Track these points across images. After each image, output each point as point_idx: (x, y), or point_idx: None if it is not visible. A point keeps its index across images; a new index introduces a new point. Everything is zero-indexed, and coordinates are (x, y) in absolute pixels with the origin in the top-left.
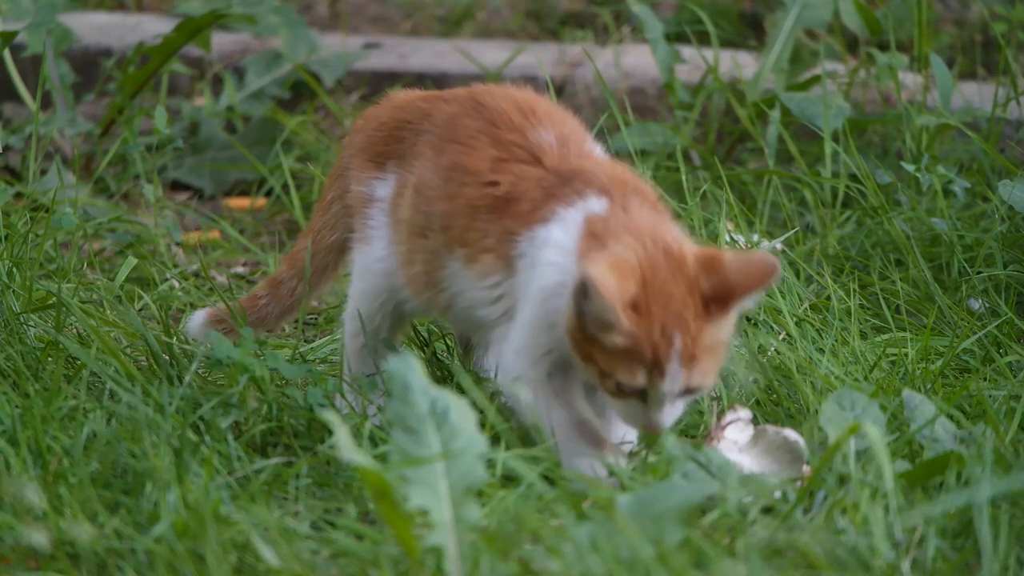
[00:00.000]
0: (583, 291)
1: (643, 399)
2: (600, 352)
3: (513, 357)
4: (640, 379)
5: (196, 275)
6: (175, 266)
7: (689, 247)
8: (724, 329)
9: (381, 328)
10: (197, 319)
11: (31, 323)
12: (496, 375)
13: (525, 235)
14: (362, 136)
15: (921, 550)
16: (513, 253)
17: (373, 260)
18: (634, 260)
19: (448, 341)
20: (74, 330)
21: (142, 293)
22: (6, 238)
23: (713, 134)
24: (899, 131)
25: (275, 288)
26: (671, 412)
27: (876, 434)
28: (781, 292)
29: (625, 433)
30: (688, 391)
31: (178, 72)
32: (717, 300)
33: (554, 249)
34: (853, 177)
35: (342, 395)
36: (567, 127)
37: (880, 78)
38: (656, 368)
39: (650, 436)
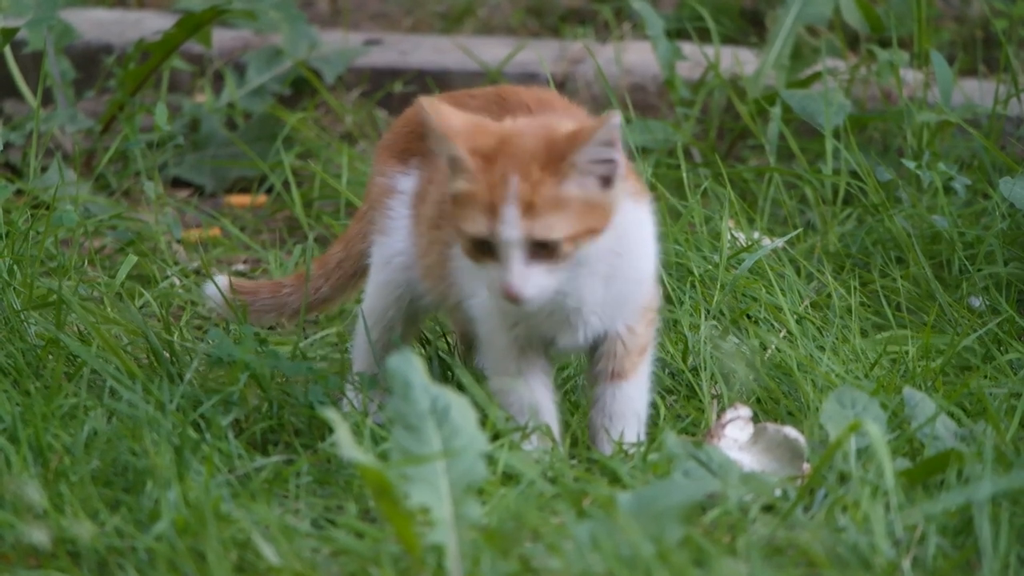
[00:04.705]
0: (431, 130)
1: (496, 258)
2: (456, 209)
3: (486, 334)
4: (480, 224)
5: (197, 272)
6: (176, 263)
7: (570, 125)
8: (574, 186)
9: (395, 322)
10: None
11: (32, 320)
12: (485, 371)
13: None
14: (390, 134)
15: (922, 548)
16: None
17: (393, 253)
18: (503, 126)
19: (449, 339)
20: (75, 328)
21: (143, 290)
22: (7, 235)
23: (714, 131)
24: (900, 128)
25: (303, 283)
26: (526, 274)
27: (877, 432)
28: (782, 290)
29: (624, 431)
30: (538, 246)
31: (179, 69)
32: (564, 155)
33: None
34: (854, 174)
35: (342, 392)
36: (581, 117)
37: (881, 75)
38: (492, 211)
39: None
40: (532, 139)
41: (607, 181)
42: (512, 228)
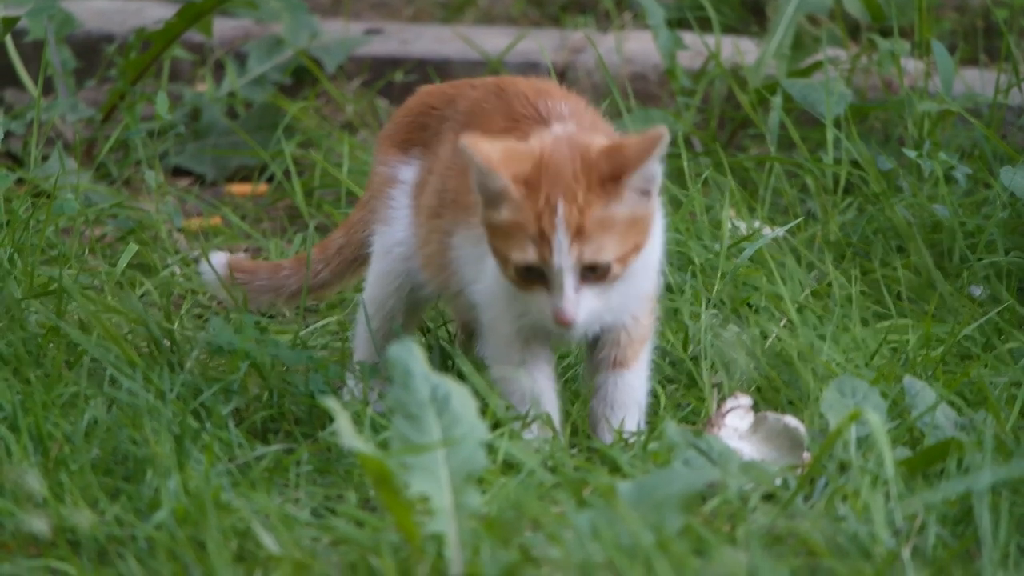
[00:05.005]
0: (472, 165)
1: (545, 285)
2: (500, 239)
3: (489, 321)
4: (530, 253)
5: (197, 261)
6: (177, 252)
7: (601, 141)
8: (624, 206)
9: (395, 312)
10: (216, 261)
11: (32, 309)
12: (486, 360)
13: None
14: (391, 124)
15: (921, 537)
16: None
17: (393, 243)
18: (535, 147)
19: (450, 328)
20: (75, 316)
21: (143, 279)
22: (8, 224)
23: (715, 120)
24: (901, 117)
25: (302, 266)
26: (577, 299)
27: (877, 421)
28: (783, 279)
29: (624, 419)
30: (589, 270)
31: (180, 58)
32: (613, 176)
33: None
34: (855, 163)
35: (343, 381)
36: (580, 106)
37: (882, 64)
38: (543, 240)
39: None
40: (570, 160)
41: (648, 193)
42: (563, 255)
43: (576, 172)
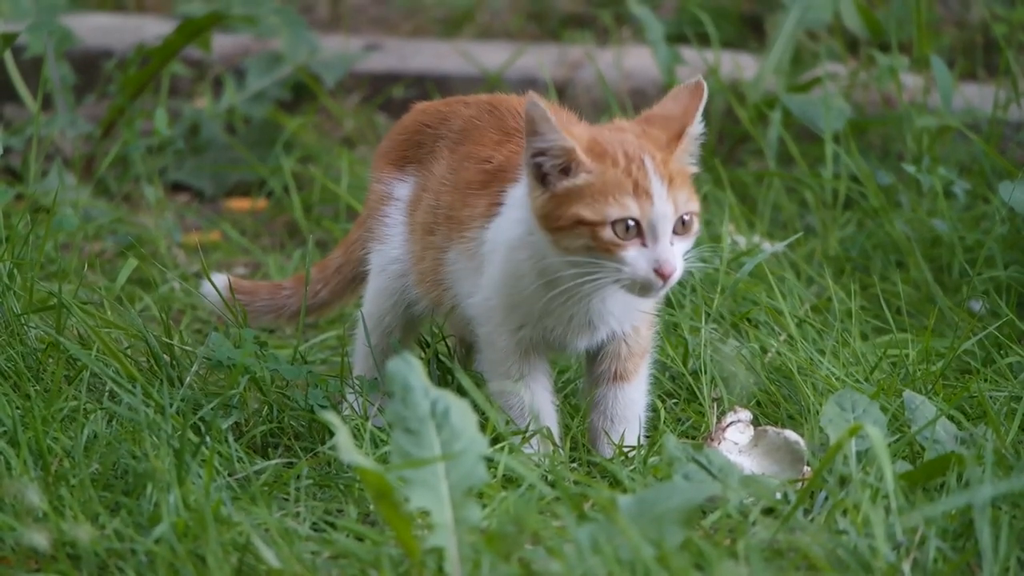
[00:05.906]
0: (531, 127)
1: (643, 240)
2: (581, 205)
3: (486, 335)
4: (632, 206)
5: (197, 276)
6: (176, 267)
7: (622, 121)
8: (684, 160)
9: (393, 327)
10: (216, 283)
11: (32, 324)
12: (485, 374)
13: (503, 195)
14: (387, 142)
15: (922, 551)
16: (491, 212)
17: (388, 260)
18: (580, 128)
19: (449, 343)
20: (75, 331)
21: (143, 294)
22: (7, 239)
23: (714, 135)
24: (900, 132)
25: (302, 286)
26: (673, 251)
27: (877, 435)
28: (782, 293)
29: (624, 433)
30: (680, 222)
31: (179, 74)
32: (674, 135)
33: (519, 207)
34: (854, 178)
35: (342, 396)
36: (571, 120)
37: (881, 79)
38: (642, 191)
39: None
40: (622, 131)
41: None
42: (664, 203)
43: (635, 139)
